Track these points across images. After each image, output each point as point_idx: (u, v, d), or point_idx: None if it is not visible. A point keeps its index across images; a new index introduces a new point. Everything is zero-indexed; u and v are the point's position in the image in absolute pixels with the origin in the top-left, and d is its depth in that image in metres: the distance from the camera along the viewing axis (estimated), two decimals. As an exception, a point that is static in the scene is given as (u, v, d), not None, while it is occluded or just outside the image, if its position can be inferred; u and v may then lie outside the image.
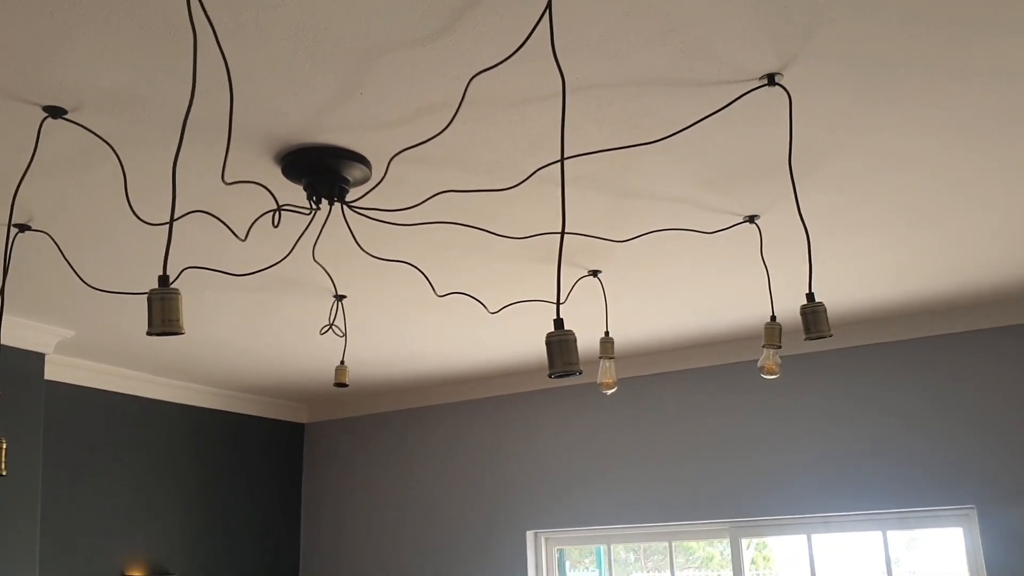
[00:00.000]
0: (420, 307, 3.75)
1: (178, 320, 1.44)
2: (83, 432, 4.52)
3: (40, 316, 3.74)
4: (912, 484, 4.13)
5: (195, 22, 1.67)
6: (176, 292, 1.44)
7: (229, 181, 2.20)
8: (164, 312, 1.43)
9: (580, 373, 1.48)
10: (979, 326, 4.11)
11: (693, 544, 4.87)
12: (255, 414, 5.53)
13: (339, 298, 3.62)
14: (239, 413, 5.43)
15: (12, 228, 2.77)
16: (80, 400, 4.52)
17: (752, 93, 2.12)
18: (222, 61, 1.86)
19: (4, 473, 2.01)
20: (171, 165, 2.30)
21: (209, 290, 3.46)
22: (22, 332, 3.83)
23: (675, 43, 1.92)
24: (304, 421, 5.88)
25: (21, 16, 1.74)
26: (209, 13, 1.71)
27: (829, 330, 2.03)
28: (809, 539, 4.47)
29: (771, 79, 2.07)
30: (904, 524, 4.24)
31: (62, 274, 3.22)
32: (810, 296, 2.12)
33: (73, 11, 1.72)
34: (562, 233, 1.47)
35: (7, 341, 3.77)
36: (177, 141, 2.20)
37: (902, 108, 2.24)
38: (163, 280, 1.47)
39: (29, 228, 2.80)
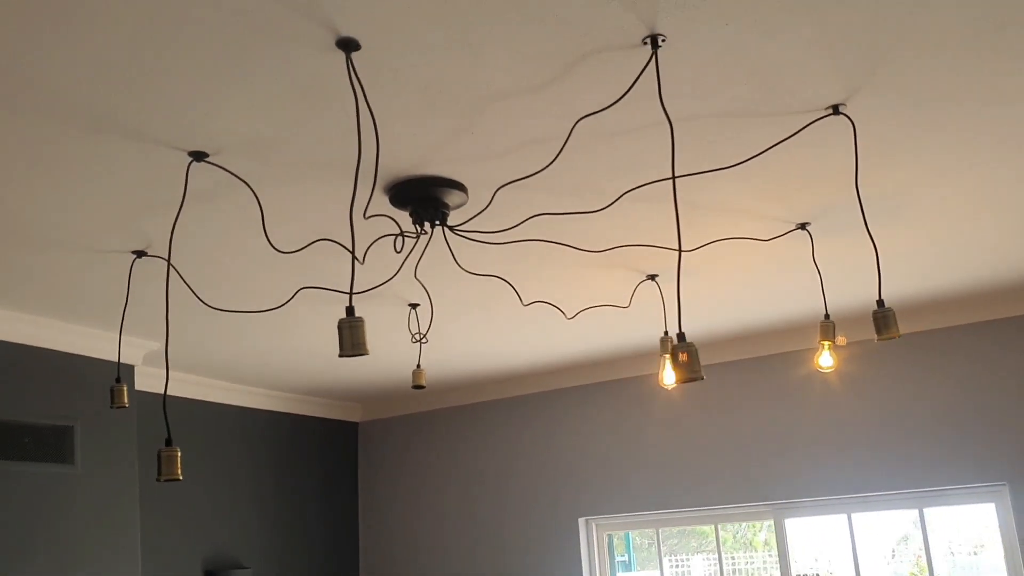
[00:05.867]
0: (490, 312, 4.01)
1: (364, 343, 1.70)
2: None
3: (130, 331, 4.01)
4: (945, 463, 4.39)
5: (351, 82, 1.92)
6: (361, 320, 1.71)
7: (368, 215, 2.47)
8: (353, 337, 1.69)
9: (702, 379, 1.73)
10: (1008, 314, 4.37)
11: (707, 528, 5.15)
12: (311, 415, 5.81)
13: (413, 306, 3.88)
14: (296, 414, 5.71)
15: (131, 254, 3.04)
16: (152, 406, 4.79)
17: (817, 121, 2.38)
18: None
19: (180, 478, 2.26)
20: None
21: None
22: (111, 345, 4.10)
23: (755, 82, 2.18)
24: (358, 420, 6.15)
25: (184, 71, 1.97)
26: (359, 75, 1.97)
27: (898, 332, 2.29)
28: (849, 518, 4.74)
29: (835, 109, 2.34)
30: (940, 501, 4.51)
31: (159, 294, 3.48)
32: (880, 302, 2.38)
33: (231, 69, 1.96)
34: (680, 251, 1.73)
35: (97, 354, 4.05)
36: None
37: (950, 131, 2.50)
38: (350, 311, 1.73)
39: (145, 254, 3.07)
